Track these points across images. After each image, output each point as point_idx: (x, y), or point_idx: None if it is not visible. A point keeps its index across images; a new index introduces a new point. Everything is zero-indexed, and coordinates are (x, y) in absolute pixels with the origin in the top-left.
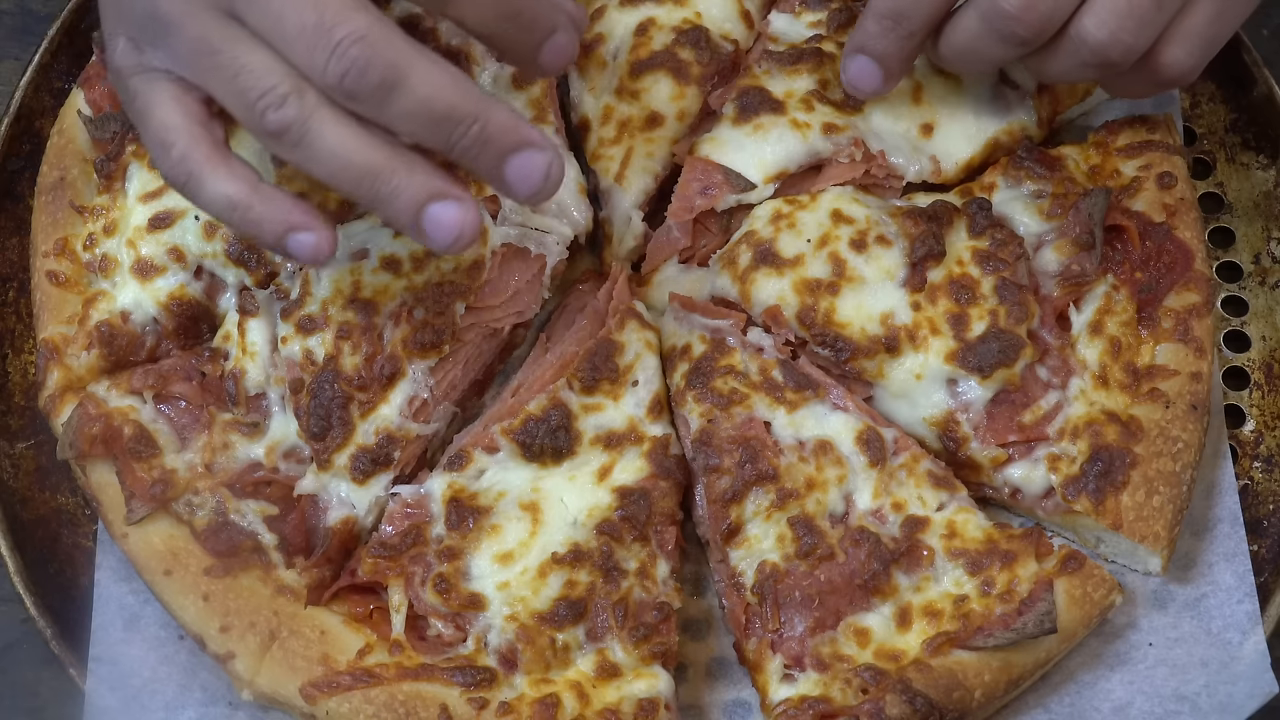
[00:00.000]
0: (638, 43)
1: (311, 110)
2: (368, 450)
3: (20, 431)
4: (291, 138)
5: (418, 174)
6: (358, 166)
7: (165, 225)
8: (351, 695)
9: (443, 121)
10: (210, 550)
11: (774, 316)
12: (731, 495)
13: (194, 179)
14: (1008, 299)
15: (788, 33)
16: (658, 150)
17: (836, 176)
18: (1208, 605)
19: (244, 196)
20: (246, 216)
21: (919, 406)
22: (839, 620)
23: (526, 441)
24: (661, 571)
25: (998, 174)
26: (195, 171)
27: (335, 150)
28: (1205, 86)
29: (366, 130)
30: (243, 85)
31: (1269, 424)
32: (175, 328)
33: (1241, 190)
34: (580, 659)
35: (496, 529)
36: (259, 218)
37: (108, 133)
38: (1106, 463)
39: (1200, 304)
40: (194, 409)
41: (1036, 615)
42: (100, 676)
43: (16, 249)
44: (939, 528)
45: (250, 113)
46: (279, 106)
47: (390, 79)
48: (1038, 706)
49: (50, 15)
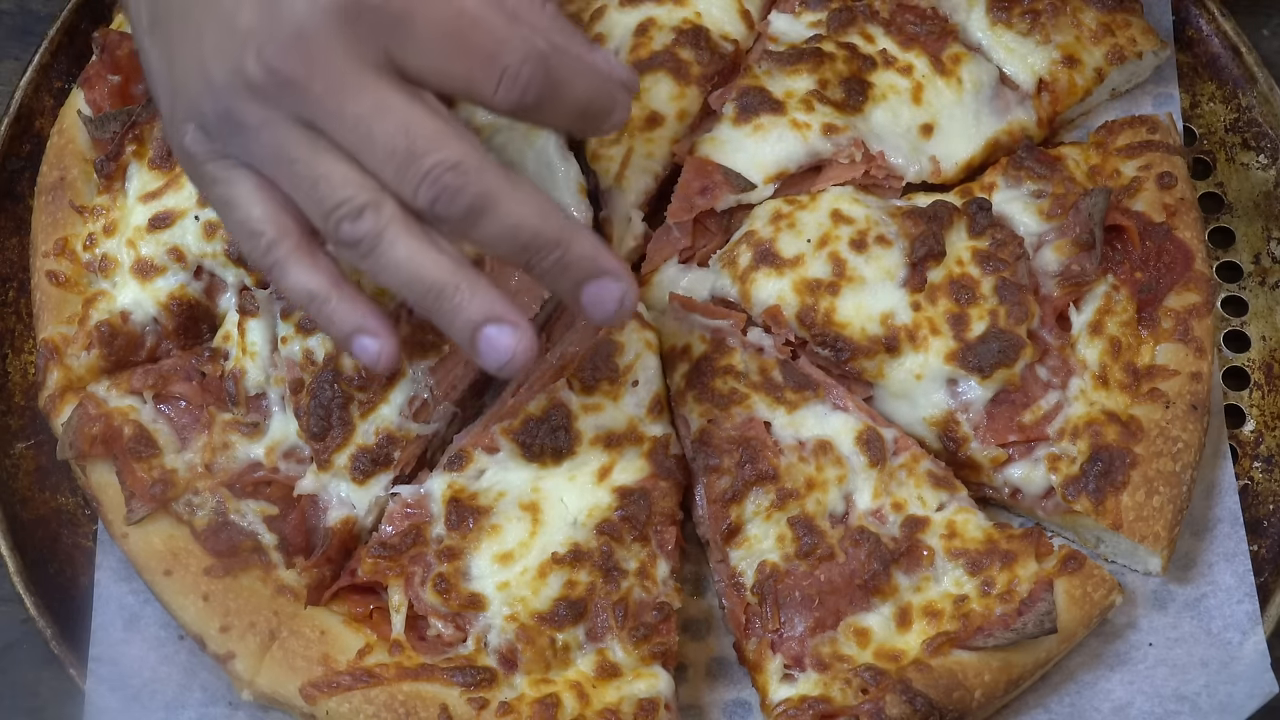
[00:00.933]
0: (638, 43)
1: (386, 224)
2: (368, 450)
3: (20, 431)
4: (364, 249)
5: (479, 295)
6: (423, 282)
7: (165, 225)
8: (351, 695)
9: (527, 247)
10: (210, 550)
11: (774, 316)
12: (731, 495)
13: (279, 267)
14: (1008, 299)
15: (788, 33)
16: (658, 150)
17: (836, 177)
18: (1208, 605)
19: (324, 291)
20: (323, 310)
21: (919, 406)
22: (839, 620)
23: (526, 441)
24: (661, 571)
25: (998, 174)
26: (281, 261)
27: (404, 264)
28: (1205, 86)
29: (435, 245)
30: (321, 194)
31: (1269, 424)
32: (175, 328)
33: (1241, 190)
34: (580, 659)
35: (496, 529)
36: (333, 313)
37: (108, 133)
38: (1106, 463)
39: (1200, 304)
40: (194, 409)
41: (1036, 615)
42: (100, 676)
43: (16, 249)
44: (939, 528)
45: (326, 221)
46: (355, 218)
47: (479, 206)
48: (1038, 706)
49: (50, 15)
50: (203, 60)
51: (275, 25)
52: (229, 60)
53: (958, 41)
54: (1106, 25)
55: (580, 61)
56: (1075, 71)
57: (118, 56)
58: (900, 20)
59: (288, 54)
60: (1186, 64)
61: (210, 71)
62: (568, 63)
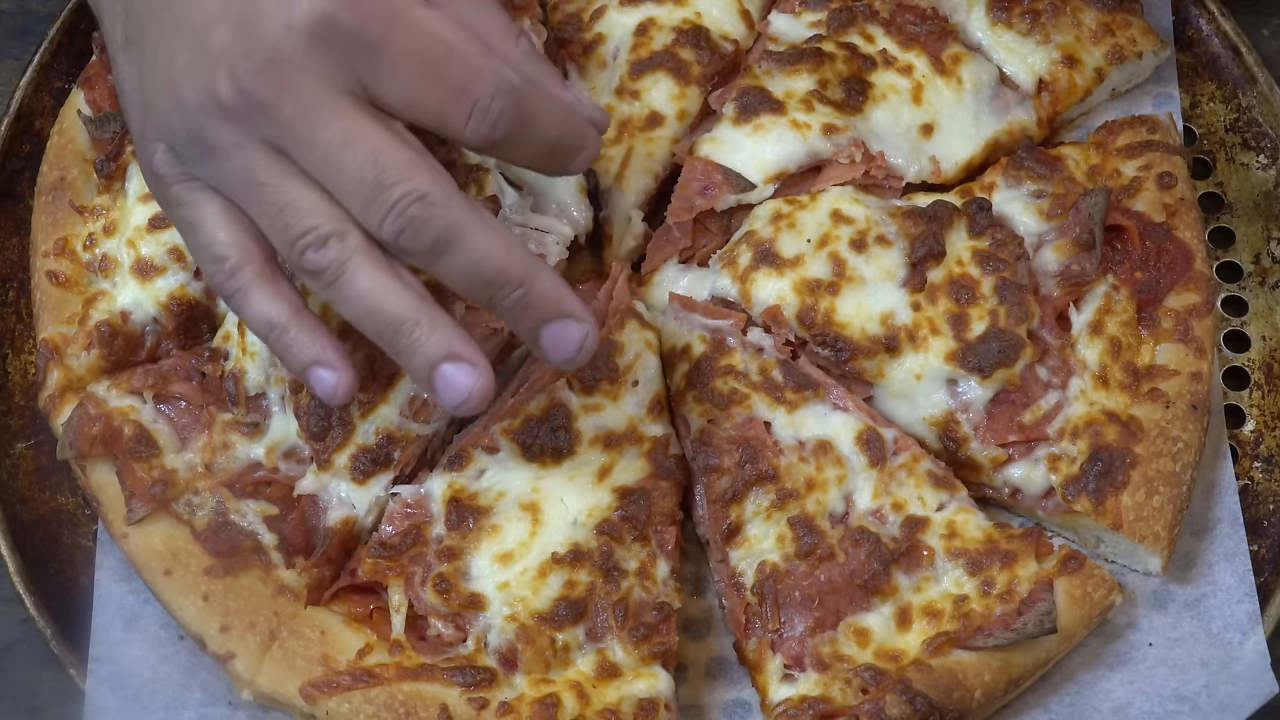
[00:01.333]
0: (638, 43)
1: (350, 254)
2: (368, 450)
3: (20, 431)
4: (327, 279)
5: (438, 332)
6: (384, 316)
7: (165, 225)
8: (351, 695)
9: (490, 283)
10: (210, 550)
11: (774, 316)
12: (731, 495)
13: (241, 294)
14: (1008, 299)
15: (788, 33)
16: (658, 150)
17: (836, 177)
18: (1208, 605)
19: (284, 320)
20: (281, 339)
21: (919, 406)
22: (839, 620)
23: (526, 441)
24: (661, 571)
25: (998, 174)
26: (244, 288)
27: (365, 296)
28: (1205, 86)
29: (399, 278)
30: (286, 221)
31: (1269, 424)
32: (175, 328)
33: (1241, 190)
34: (580, 659)
35: (496, 529)
36: (291, 344)
37: (108, 133)
38: (1106, 463)
39: (1200, 304)
40: (194, 409)
41: (1036, 615)
42: (100, 676)
43: (16, 249)
44: (939, 528)
45: (290, 249)
46: (320, 247)
47: (445, 239)
48: (1038, 706)
49: (50, 15)
50: (174, 80)
51: (248, 46)
52: (200, 80)
53: (958, 41)
54: (1106, 25)
55: (551, 98)
56: (1075, 71)
57: None
58: (900, 20)
59: (259, 76)
60: (1186, 64)
61: (181, 91)
62: (539, 97)
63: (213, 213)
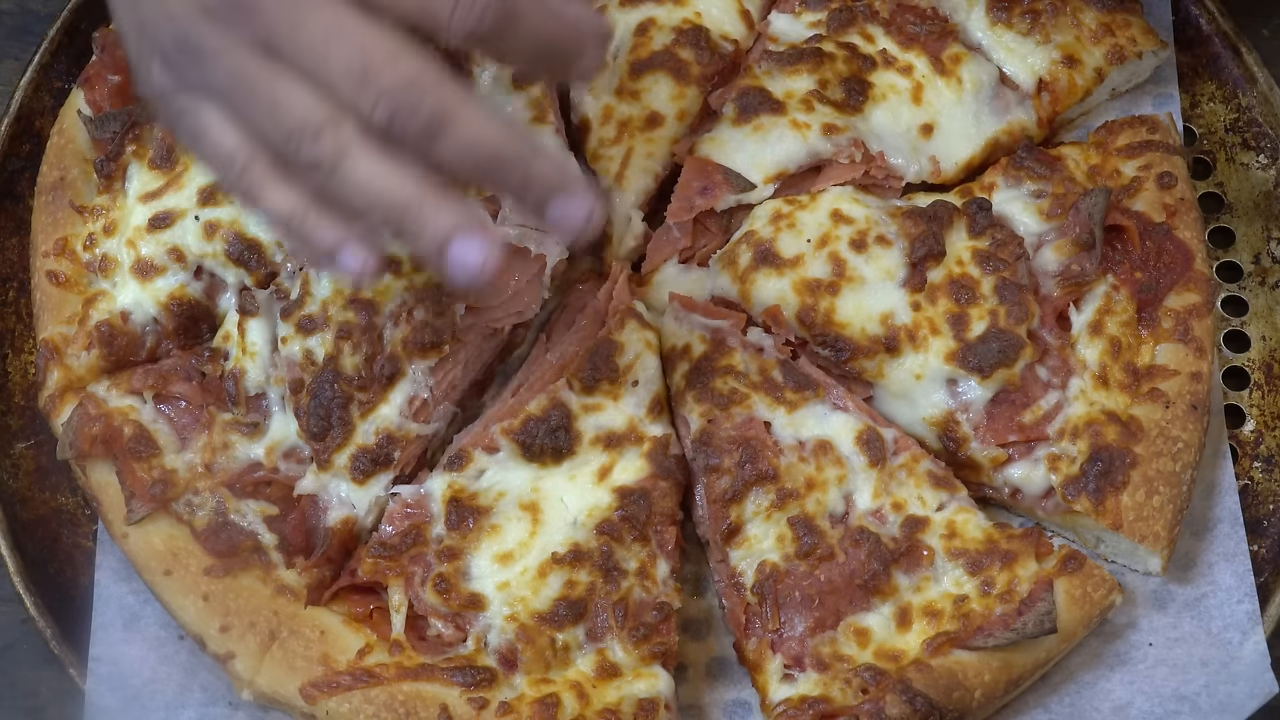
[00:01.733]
0: (638, 43)
1: (347, 144)
2: (368, 450)
3: (20, 431)
4: (326, 169)
5: (445, 209)
6: (387, 201)
7: (165, 225)
8: (351, 695)
9: (489, 161)
10: (210, 550)
11: (774, 316)
12: (731, 495)
13: (254, 191)
14: (1008, 299)
15: (788, 33)
16: (658, 150)
17: (836, 177)
18: (1208, 605)
19: (300, 210)
20: (302, 227)
21: (919, 406)
22: (839, 620)
23: (526, 441)
24: (661, 571)
25: (998, 174)
26: (256, 184)
27: (366, 184)
28: (1205, 86)
29: (398, 164)
30: (279, 118)
31: (1269, 424)
32: (175, 328)
33: (1241, 190)
34: (580, 659)
35: (496, 529)
36: (312, 230)
37: (108, 133)
38: (1106, 463)
39: (1200, 304)
40: (194, 409)
41: (1036, 615)
42: (100, 676)
43: (16, 249)
44: (939, 528)
45: (288, 144)
46: (315, 139)
47: (437, 122)
48: (1038, 706)
49: (50, 15)
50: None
51: None
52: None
53: (958, 41)
54: (1106, 25)
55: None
56: (1075, 71)
57: (118, 56)
58: (900, 20)
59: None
60: (1186, 64)
61: (170, 3)
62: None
63: (216, 119)
